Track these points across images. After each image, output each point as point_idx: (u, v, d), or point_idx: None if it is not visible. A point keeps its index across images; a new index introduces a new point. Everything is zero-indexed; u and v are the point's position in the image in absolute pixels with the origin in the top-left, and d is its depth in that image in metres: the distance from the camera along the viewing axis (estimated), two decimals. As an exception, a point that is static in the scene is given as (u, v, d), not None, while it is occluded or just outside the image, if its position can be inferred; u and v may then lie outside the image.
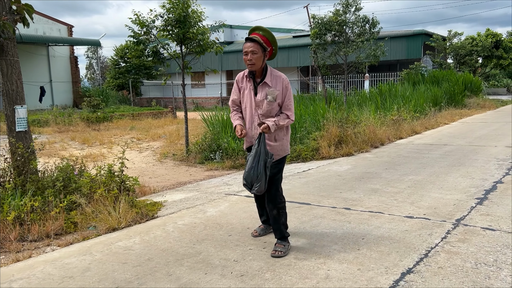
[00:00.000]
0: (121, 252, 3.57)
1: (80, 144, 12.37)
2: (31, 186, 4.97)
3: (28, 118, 5.88)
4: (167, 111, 21.77)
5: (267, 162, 3.24)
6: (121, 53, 32.97)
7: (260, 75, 3.41)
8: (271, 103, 3.36)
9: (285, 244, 3.42)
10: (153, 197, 5.70)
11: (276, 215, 3.44)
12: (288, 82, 3.43)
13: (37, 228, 4.02)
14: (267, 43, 3.37)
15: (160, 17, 9.30)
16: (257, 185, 3.24)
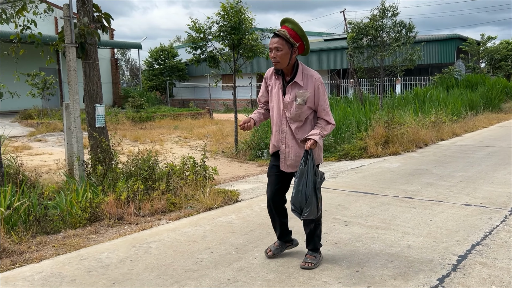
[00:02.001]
0: (225, 225, 4.27)
1: (132, 141, 13.25)
2: (120, 174, 5.77)
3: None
4: (204, 112, 22.63)
5: (317, 183, 2.96)
6: (155, 55, 34.16)
7: (289, 73, 3.04)
8: (301, 107, 3.00)
9: (316, 256, 3.21)
10: (224, 186, 6.39)
11: (313, 229, 3.21)
12: (321, 82, 3.04)
13: (148, 206, 4.77)
14: (296, 38, 2.97)
15: (216, 23, 10.05)
16: (307, 209, 2.96)
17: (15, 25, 6.26)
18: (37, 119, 16.53)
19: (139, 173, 5.77)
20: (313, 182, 2.94)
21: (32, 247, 3.71)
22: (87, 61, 6.89)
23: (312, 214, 2.98)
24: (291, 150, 3.10)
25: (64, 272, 3.18)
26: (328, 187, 5.83)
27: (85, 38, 6.60)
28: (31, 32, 6.53)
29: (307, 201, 2.93)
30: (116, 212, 4.56)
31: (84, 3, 6.73)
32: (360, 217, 4.42)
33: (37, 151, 11.24)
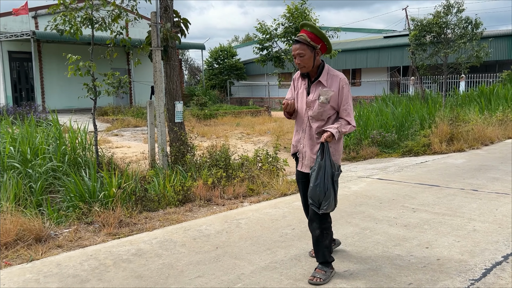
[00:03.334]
0: (300, 208, 4.76)
1: (200, 137, 14.12)
2: (201, 164, 6.45)
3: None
4: (263, 110, 23.28)
5: (335, 176, 2.95)
6: (215, 55, 35.37)
7: (315, 74, 3.07)
8: (324, 105, 3.00)
9: (326, 271, 3.01)
10: (292, 177, 6.90)
11: (319, 236, 3.05)
12: (346, 82, 3.04)
13: (230, 190, 5.40)
14: (316, 40, 2.98)
15: (281, 25, 10.59)
16: (325, 203, 2.92)
17: (110, 31, 7.11)
18: (112, 115, 17.98)
19: (216, 164, 6.42)
20: (331, 175, 2.92)
21: (142, 220, 4.44)
22: (168, 62, 7.63)
23: (330, 207, 2.96)
24: (308, 150, 3.10)
25: (174, 238, 3.85)
26: (394, 180, 6.17)
27: (167, 42, 7.35)
28: (123, 37, 7.37)
29: (325, 194, 2.90)
30: (205, 195, 5.23)
31: (167, 10, 7.50)
32: (427, 205, 4.77)
33: (116, 145, 12.35)
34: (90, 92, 6.86)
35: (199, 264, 3.28)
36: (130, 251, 3.55)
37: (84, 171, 5.62)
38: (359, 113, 11.56)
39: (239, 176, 5.79)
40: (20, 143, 6.32)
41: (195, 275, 3.09)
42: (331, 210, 3.00)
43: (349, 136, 10.21)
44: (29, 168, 5.76)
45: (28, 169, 5.70)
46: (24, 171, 5.65)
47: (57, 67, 20.80)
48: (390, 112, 11.22)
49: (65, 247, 3.70)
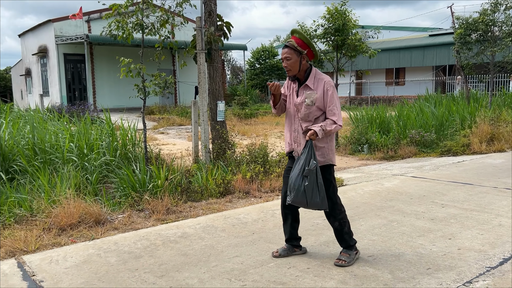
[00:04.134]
0: (333, 202, 5.08)
1: (240, 135, 14.58)
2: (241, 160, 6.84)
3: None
4: (304, 109, 23.55)
5: (305, 171, 3.05)
6: (257, 55, 35.89)
7: (302, 77, 3.25)
8: (309, 107, 3.18)
9: (350, 253, 3.29)
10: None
11: (338, 227, 3.31)
12: (330, 85, 3.20)
13: (267, 184, 5.77)
14: (303, 46, 3.16)
15: (321, 26, 10.81)
16: (292, 194, 3.11)
17: (159, 36, 7.64)
18: (158, 114, 18.85)
19: (255, 160, 6.80)
20: (302, 169, 3.06)
21: (186, 209, 4.90)
22: (211, 64, 8.07)
23: (297, 200, 3.09)
24: (301, 148, 3.25)
25: (215, 224, 4.27)
26: (427, 177, 6.31)
27: (211, 45, 7.79)
28: (170, 40, 7.88)
29: (293, 186, 3.08)
30: (243, 188, 5.63)
31: (210, 14, 7.94)
32: (456, 201, 4.92)
33: (162, 142, 13.03)
34: (140, 92, 7.43)
35: (237, 246, 3.67)
36: (176, 234, 4.00)
37: (134, 165, 6.17)
38: (398, 113, 11.60)
39: (276, 172, 6.14)
40: (77, 139, 6.97)
41: (233, 255, 3.48)
42: (297, 204, 3.16)
43: (387, 136, 10.31)
44: (86, 161, 6.37)
45: (85, 163, 6.30)
46: (81, 164, 6.27)
47: (107, 68, 22.00)
48: (429, 112, 11.19)
49: (120, 229, 4.20)
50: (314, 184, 3.06)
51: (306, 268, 3.22)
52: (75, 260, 3.41)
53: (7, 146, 6.43)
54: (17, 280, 3.08)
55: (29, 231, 3.96)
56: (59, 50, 20.97)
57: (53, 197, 4.63)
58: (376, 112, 11.62)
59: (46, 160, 6.36)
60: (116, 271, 3.20)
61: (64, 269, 3.25)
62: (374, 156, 9.38)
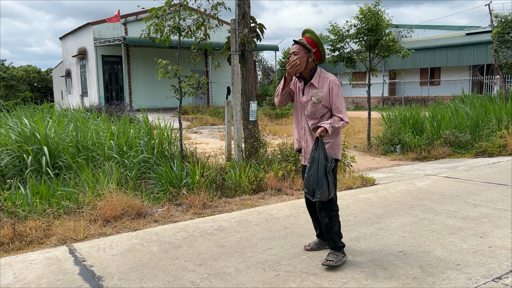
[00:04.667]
0: (364, 200, 5.17)
1: (272, 135, 14.75)
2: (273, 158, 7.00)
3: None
4: (335, 109, 23.43)
5: (327, 167, 3.14)
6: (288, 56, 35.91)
7: (308, 76, 3.33)
8: (315, 105, 3.26)
9: (337, 255, 3.26)
10: (359, 173, 7.22)
11: (328, 224, 3.30)
12: (335, 83, 3.27)
13: (299, 182, 5.91)
14: (312, 44, 3.28)
15: (353, 26, 10.83)
16: (319, 192, 3.14)
17: (194, 38, 7.89)
18: (191, 114, 19.28)
19: (286, 159, 6.95)
20: (324, 166, 3.14)
21: (221, 204, 5.11)
22: (244, 65, 8.26)
23: (323, 195, 3.15)
24: (309, 145, 3.36)
25: (249, 219, 4.45)
26: (461, 178, 6.28)
27: (244, 46, 7.99)
28: (205, 42, 8.13)
29: (318, 184, 3.12)
30: (275, 185, 5.79)
31: (244, 16, 8.14)
32: (490, 201, 4.91)
33: (195, 141, 13.37)
34: (176, 93, 7.72)
35: (270, 239, 3.84)
36: (213, 227, 4.21)
37: (170, 163, 6.44)
38: (432, 113, 11.46)
39: (308, 170, 6.26)
40: (117, 138, 7.32)
41: (266, 247, 3.65)
42: (325, 198, 3.18)
43: (421, 136, 10.22)
44: (125, 158, 6.70)
45: (125, 160, 6.63)
46: (121, 161, 6.60)
47: (143, 69, 22.66)
48: (464, 112, 11.01)
49: (160, 221, 4.46)
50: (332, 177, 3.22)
51: (337, 261, 3.34)
52: (120, 249, 3.67)
53: (53, 143, 6.84)
54: (70, 264, 3.36)
55: (77, 221, 4.27)
56: (97, 52, 21.77)
57: (97, 191, 4.94)
58: (409, 112, 11.52)
59: (88, 156, 6.74)
60: (158, 259, 3.43)
61: (111, 256, 3.51)
62: (407, 157, 9.33)
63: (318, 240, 3.63)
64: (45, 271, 3.23)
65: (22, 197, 4.91)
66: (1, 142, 6.90)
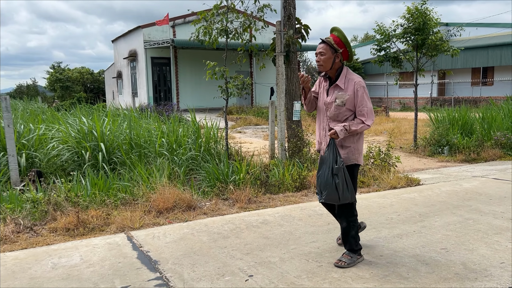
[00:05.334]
0: (408, 199, 5.19)
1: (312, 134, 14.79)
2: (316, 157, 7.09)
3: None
4: (381, 110, 23.03)
5: (334, 169, 3.10)
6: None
7: (333, 76, 3.27)
8: (339, 107, 3.19)
9: (352, 256, 3.27)
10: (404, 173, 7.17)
11: (346, 227, 3.30)
12: (361, 85, 3.18)
13: (343, 181, 6.00)
14: (340, 44, 3.20)
15: (400, 26, 10.70)
16: (324, 192, 3.16)
17: (241, 40, 8.13)
18: (236, 114, 19.66)
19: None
20: (331, 168, 3.11)
21: (266, 200, 5.30)
22: (289, 65, 8.41)
23: (330, 197, 3.15)
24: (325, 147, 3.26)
25: (292, 214, 4.62)
26: (510, 180, 6.12)
27: (289, 47, 8.14)
28: (251, 44, 8.35)
29: (325, 184, 3.14)
30: (319, 183, 5.90)
31: (290, 17, 8.29)
32: (540, 204, 4.79)
33: (240, 140, 13.66)
34: (223, 93, 8.00)
35: (313, 233, 3.99)
36: (258, 220, 4.41)
37: (217, 160, 6.71)
38: (483, 114, 11.11)
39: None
40: (167, 136, 7.70)
41: (310, 241, 3.80)
42: (331, 201, 3.18)
43: (470, 138, 9.95)
44: (175, 155, 7.04)
45: (174, 157, 6.98)
46: (170, 158, 6.95)
47: (190, 71, 23.33)
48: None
49: (209, 214, 4.71)
50: (343, 181, 3.12)
51: (379, 256, 3.44)
52: (173, 237, 3.94)
53: (108, 140, 7.31)
54: (129, 249, 3.67)
55: (133, 212, 4.60)
56: (147, 54, 22.66)
57: (150, 184, 5.28)
58: (458, 113, 11.22)
59: (141, 153, 7.15)
60: (208, 247, 3.67)
61: (164, 243, 3.80)
62: (455, 158, 9.13)
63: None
64: (107, 254, 3.56)
65: (83, 189, 5.33)
66: (62, 138, 7.47)
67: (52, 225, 4.23)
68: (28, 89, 41.80)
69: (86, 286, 2.99)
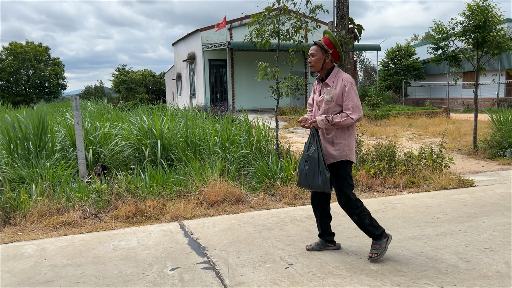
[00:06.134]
0: (458, 200, 5.11)
1: (369, 136, 14.58)
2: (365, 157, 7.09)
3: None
4: (441, 111, 22.16)
5: (305, 156, 3.32)
6: (392, 55, 34.72)
7: (324, 76, 3.39)
8: (328, 103, 3.28)
9: (380, 244, 3.34)
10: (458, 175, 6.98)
11: (358, 220, 3.37)
12: (348, 82, 3.27)
13: (391, 181, 5.99)
14: (330, 45, 3.31)
15: (459, 24, 10.34)
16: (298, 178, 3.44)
17: (293, 41, 8.30)
18: (289, 115, 19.82)
19: (380, 158, 7.00)
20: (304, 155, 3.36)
21: (312, 196, 5.44)
22: (341, 65, 8.44)
23: (301, 183, 3.38)
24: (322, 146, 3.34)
25: (337, 211, 4.67)
26: None
27: (341, 47, 8.19)
28: (303, 44, 8.49)
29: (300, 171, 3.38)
30: (366, 182, 5.95)
31: (342, 18, 8.34)
32: None
33: (291, 140, 13.80)
34: (274, 94, 8.21)
35: (355, 229, 4.07)
36: (302, 215, 4.58)
37: (267, 158, 6.93)
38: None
39: (401, 169, 6.30)
40: (221, 135, 8.04)
41: (352, 235, 3.91)
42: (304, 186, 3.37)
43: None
44: (227, 153, 7.35)
45: (226, 154, 7.29)
46: (223, 155, 7.26)
47: (246, 72, 23.81)
48: None
49: (255, 208, 4.94)
50: (315, 168, 3.25)
51: (420, 252, 3.48)
52: (221, 227, 4.21)
53: (166, 138, 7.78)
54: (181, 236, 3.98)
55: (186, 203, 4.94)
56: (204, 56, 23.43)
57: (203, 179, 5.61)
58: (524, 114, 10.64)
59: (196, 150, 7.54)
60: (253, 237, 3.89)
61: (213, 232, 4.07)
62: (517, 161, 8.71)
63: (319, 241, 3.62)
64: (161, 239, 3.89)
65: (142, 181, 5.77)
66: (124, 136, 8.04)
67: (114, 213, 4.66)
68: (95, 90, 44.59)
69: (142, 265, 3.32)
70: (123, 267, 3.29)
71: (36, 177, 5.81)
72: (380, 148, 7.43)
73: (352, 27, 8.56)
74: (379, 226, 3.40)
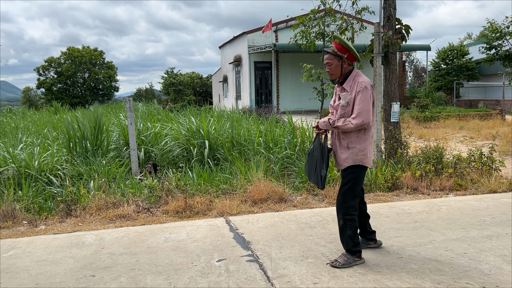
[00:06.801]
0: (506, 204, 5.01)
1: (417, 138, 14.23)
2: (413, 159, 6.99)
3: None
4: (495, 113, 21.16)
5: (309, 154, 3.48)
6: (443, 55, 33.51)
7: (342, 79, 3.36)
8: (344, 108, 3.24)
9: (348, 258, 3.28)
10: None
11: (343, 226, 3.30)
12: (363, 87, 3.20)
13: (437, 183, 5.91)
14: (342, 50, 3.27)
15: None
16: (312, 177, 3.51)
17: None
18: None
19: (427, 160, 6.90)
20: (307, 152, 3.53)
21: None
22: (388, 66, 8.38)
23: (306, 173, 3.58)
24: (337, 150, 3.36)
25: (380, 211, 4.76)
26: None
27: (388, 48, 8.13)
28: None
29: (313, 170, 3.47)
30: (412, 184, 5.90)
31: (389, 19, 8.28)
32: None
33: (337, 142, 13.73)
34: (318, 95, 8.29)
35: (398, 229, 4.11)
36: (345, 214, 4.64)
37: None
38: None
39: (448, 172, 6.18)
40: (265, 136, 8.22)
41: (394, 235, 3.94)
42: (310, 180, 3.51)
43: None
44: (271, 153, 7.52)
45: (270, 155, 7.45)
46: (267, 156, 7.43)
47: (291, 74, 23.90)
48: None
49: (298, 207, 5.07)
50: (312, 165, 3.44)
51: (463, 253, 3.47)
52: (265, 224, 4.38)
53: (213, 138, 8.06)
54: (226, 230, 4.19)
55: (231, 200, 5.15)
56: (250, 58, 23.77)
57: (248, 178, 5.80)
58: None
59: (241, 150, 7.76)
60: (295, 234, 4.03)
61: (257, 228, 4.24)
62: None
63: (361, 239, 3.60)
64: (208, 233, 4.11)
65: (190, 179, 6.05)
66: (174, 136, 8.41)
67: (165, 208, 4.95)
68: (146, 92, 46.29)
69: (190, 256, 3.55)
70: (173, 257, 3.53)
71: (93, 173, 6.25)
72: (427, 150, 7.31)
73: (399, 28, 8.48)
74: (358, 245, 3.34)
